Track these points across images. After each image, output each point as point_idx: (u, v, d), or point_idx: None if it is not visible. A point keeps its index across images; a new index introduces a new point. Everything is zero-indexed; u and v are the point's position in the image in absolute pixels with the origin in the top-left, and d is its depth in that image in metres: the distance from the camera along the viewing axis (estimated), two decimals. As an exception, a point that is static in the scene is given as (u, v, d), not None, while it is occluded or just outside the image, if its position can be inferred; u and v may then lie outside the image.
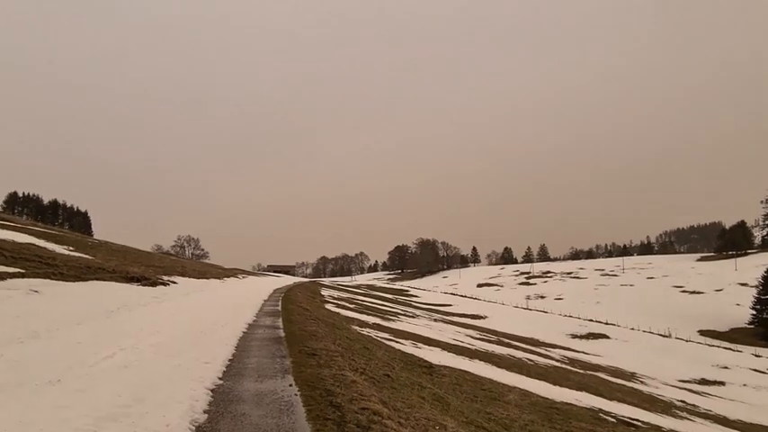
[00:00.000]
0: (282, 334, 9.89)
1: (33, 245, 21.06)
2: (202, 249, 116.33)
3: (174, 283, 21.41)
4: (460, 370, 15.47)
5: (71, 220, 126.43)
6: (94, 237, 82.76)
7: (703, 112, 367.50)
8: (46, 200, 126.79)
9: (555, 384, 21.30)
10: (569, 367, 34.06)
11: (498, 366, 22.35)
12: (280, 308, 17.76)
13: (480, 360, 22.86)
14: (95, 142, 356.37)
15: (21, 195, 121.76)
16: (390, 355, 13.09)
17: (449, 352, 22.53)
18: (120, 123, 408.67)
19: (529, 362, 29.72)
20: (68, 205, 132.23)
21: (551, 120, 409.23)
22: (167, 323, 9.14)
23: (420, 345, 21.80)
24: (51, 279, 12.19)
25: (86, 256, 23.54)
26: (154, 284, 17.80)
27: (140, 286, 16.33)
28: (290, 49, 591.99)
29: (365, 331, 20.44)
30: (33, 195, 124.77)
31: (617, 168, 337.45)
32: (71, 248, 26.79)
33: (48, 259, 14.83)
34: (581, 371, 33.36)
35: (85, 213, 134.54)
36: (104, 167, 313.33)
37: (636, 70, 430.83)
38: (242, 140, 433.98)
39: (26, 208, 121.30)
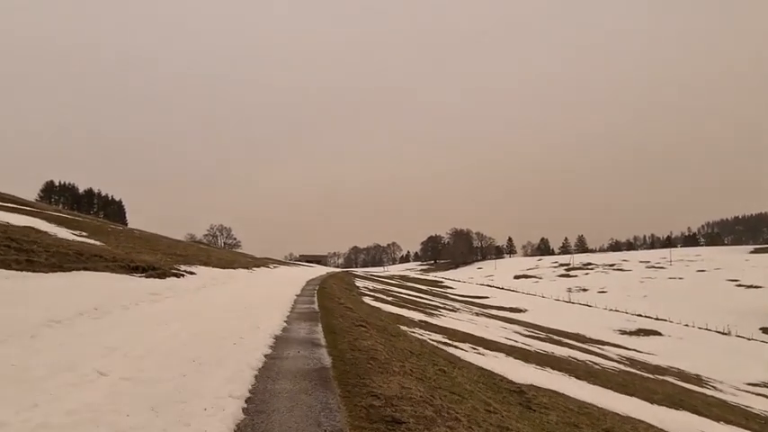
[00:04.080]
0: (328, 360, 6.20)
1: (31, 228, 18.17)
2: (234, 238, 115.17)
3: (192, 273, 18.19)
4: (553, 393, 11.71)
5: (106, 209, 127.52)
6: (128, 225, 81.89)
7: (744, 99, 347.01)
8: (81, 189, 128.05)
9: (651, 403, 17.63)
10: (635, 371, 30.17)
11: (577, 378, 18.71)
12: (316, 306, 14.19)
13: (552, 368, 19.32)
14: (134, 132, 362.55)
15: (57, 184, 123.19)
16: (473, 378, 9.50)
17: (514, 358, 19.18)
18: (163, 110, 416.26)
19: (595, 366, 26.05)
20: (103, 194, 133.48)
21: (583, 110, 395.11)
22: (143, 342, 5.60)
23: (480, 349, 18.59)
24: (11, 269, 8.95)
25: (95, 243, 20.62)
26: (163, 276, 14.53)
27: (144, 278, 13.07)
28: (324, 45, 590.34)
29: (417, 333, 17.19)
30: (69, 184, 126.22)
31: (654, 158, 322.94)
32: (84, 234, 24.03)
33: (26, 244, 11.67)
34: (650, 376, 29.47)
35: (120, 202, 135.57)
36: (145, 157, 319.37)
37: (676, 53, 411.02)
38: (274, 131, 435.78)
39: (62, 197, 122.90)
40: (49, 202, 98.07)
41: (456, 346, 16.46)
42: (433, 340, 16.19)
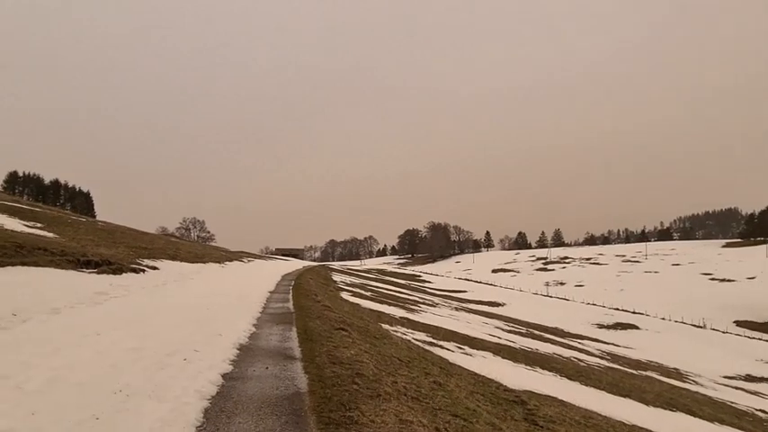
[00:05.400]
0: (303, 381, 4.86)
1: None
2: (208, 232, 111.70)
3: (155, 268, 16.59)
4: (553, 400, 10.68)
5: (73, 201, 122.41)
6: (96, 217, 78.47)
7: (716, 99, 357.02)
8: (47, 180, 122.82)
9: (646, 404, 16.99)
10: (619, 366, 29.86)
11: (569, 378, 18.00)
12: (291, 305, 12.83)
13: (542, 368, 18.59)
14: (111, 127, 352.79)
15: (21, 175, 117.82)
16: (469, 388, 8.34)
17: (502, 357, 18.33)
18: (139, 104, 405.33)
19: (581, 363, 25.52)
20: (70, 185, 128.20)
21: (558, 109, 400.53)
22: (54, 364, 4.12)
23: (466, 348, 17.71)
24: None
25: (47, 235, 18.82)
26: (119, 271, 12.97)
27: (95, 274, 11.52)
28: (290, 39, 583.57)
29: (400, 332, 16.12)
30: (34, 175, 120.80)
31: (628, 154, 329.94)
32: (38, 225, 22.15)
33: (-49, 235, 10.05)
34: (635, 372, 29.18)
35: (87, 194, 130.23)
36: (121, 152, 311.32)
37: (649, 52, 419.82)
38: (249, 124, 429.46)
39: (27, 188, 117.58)
40: (12, 194, 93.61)
41: (442, 347, 15.46)
42: (417, 340, 15.14)
